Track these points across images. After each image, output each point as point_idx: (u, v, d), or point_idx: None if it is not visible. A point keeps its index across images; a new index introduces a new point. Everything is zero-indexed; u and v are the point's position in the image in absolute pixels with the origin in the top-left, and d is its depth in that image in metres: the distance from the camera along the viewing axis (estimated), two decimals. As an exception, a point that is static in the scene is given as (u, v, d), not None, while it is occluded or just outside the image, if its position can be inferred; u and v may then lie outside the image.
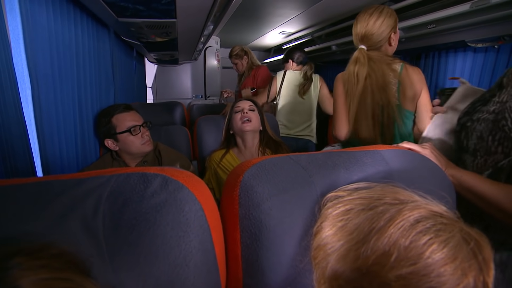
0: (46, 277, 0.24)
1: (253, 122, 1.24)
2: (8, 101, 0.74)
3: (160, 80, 3.80)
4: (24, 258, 0.24)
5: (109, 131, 1.15)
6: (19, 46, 0.82)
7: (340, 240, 0.35)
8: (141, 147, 1.16)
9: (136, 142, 1.15)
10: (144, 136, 1.17)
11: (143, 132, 1.17)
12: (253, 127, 1.24)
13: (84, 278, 0.27)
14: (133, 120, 1.17)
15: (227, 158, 1.27)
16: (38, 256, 0.25)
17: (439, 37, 1.78)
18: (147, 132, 1.20)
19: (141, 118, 1.21)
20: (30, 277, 0.23)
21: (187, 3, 1.16)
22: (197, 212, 0.37)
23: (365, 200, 0.37)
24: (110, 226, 0.35)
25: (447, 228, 0.31)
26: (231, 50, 2.38)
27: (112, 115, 1.15)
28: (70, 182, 0.37)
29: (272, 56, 4.16)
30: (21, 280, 0.23)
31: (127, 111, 1.17)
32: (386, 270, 0.30)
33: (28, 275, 0.23)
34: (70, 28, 1.08)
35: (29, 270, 0.24)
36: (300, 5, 2.04)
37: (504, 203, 0.55)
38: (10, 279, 0.23)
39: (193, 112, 2.21)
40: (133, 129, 1.14)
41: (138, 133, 1.16)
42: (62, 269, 0.26)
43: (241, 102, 1.31)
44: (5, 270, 0.23)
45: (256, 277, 0.41)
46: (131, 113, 1.18)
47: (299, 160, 0.47)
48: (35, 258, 0.25)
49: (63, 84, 1.02)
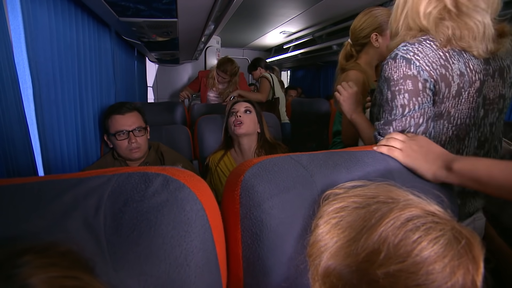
0: (56, 275, 0.24)
1: (245, 125, 1.20)
2: (10, 101, 0.75)
3: (161, 80, 3.81)
4: (33, 256, 0.24)
5: (107, 129, 1.16)
6: (20, 46, 0.82)
7: (333, 237, 0.35)
8: (127, 152, 1.13)
9: (122, 147, 1.12)
10: (131, 143, 1.11)
11: (131, 138, 1.11)
12: (246, 130, 1.20)
13: (92, 277, 0.27)
14: (122, 125, 1.11)
15: (225, 160, 1.26)
16: (47, 254, 0.25)
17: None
18: (137, 139, 1.13)
19: (134, 123, 1.14)
20: (41, 275, 0.23)
21: (188, 3, 1.16)
22: (198, 212, 0.37)
23: (359, 198, 0.37)
24: (111, 226, 0.35)
25: (437, 226, 0.31)
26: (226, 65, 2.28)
27: (110, 114, 1.14)
28: (71, 181, 0.37)
29: (273, 55, 4.16)
30: (31, 278, 0.23)
31: (121, 114, 1.13)
32: (375, 267, 0.30)
33: (38, 273, 0.23)
34: (71, 27, 1.08)
35: (39, 268, 0.24)
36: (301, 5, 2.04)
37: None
38: (21, 277, 0.23)
39: (193, 112, 2.21)
40: (118, 134, 1.11)
41: (123, 139, 1.11)
42: (70, 268, 0.26)
43: (237, 104, 1.27)
44: (15, 268, 0.23)
45: (257, 277, 0.41)
46: (125, 117, 1.12)
47: (300, 159, 0.47)
48: (44, 257, 0.25)
49: (64, 83, 1.02)
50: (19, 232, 0.33)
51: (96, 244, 0.34)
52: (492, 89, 0.61)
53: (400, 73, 0.58)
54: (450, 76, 0.56)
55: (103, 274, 0.32)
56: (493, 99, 0.62)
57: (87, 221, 0.34)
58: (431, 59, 0.56)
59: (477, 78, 0.58)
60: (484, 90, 0.60)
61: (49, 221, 0.34)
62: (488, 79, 0.60)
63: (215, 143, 1.42)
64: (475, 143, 0.64)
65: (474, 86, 0.58)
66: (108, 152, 1.23)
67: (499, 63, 0.61)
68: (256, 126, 1.25)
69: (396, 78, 0.58)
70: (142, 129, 1.16)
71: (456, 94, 0.58)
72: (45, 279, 0.23)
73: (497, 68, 0.61)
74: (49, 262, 0.25)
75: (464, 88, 0.58)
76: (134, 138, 1.12)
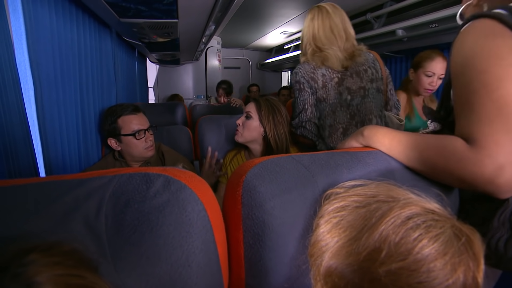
0: (62, 273, 0.24)
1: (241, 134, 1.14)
2: (11, 102, 0.75)
3: (162, 81, 3.81)
4: (39, 255, 0.24)
5: (113, 131, 1.13)
6: (22, 47, 0.82)
7: (334, 237, 0.35)
8: (143, 151, 1.15)
9: (139, 146, 1.14)
10: (148, 141, 1.15)
11: (147, 136, 1.15)
12: (243, 140, 1.15)
13: (96, 276, 0.27)
14: (139, 124, 1.14)
15: (238, 158, 1.24)
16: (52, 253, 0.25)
17: (442, 37, 1.77)
18: (151, 137, 1.18)
19: (147, 121, 1.19)
20: (47, 273, 0.23)
21: (188, 3, 1.16)
22: (199, 213, 0.37)
23: (359, 197, 0.37)
24: (113, 227, 0.35)
25: (438, 224, 0.31)
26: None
27: (119, 116, 1.13)
28: (72, 182, 0.37)
29: (274, 56, 4.16)
30: (38, 276, 0.23)
31: (134, 114, 1.15)
32: (376, 265, 0.30)
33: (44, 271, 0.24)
34: (72, 29, 1.08)
35: (45, 267, 0.24)
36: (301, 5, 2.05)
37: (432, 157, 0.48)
38: (27, 275, 0.23)
39: (194, 112, 2.21)
40: (138, 134, 1.13)
41: (142, 138, 1.14)
42: (75, 266, 0.26)
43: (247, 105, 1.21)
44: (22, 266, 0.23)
45: (259, 278, 0.41)
46: (138, 116, 1.16)
47: (301, 160, 0.47)
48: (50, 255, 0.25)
49: (66, 84, 1.02)
50: (20, 232, 0.33)
51: (98, 245, 0.34)
52: (353, 84, 1.02)
53: (293, 80, 1.07)
54: (316, 77, 1.01)
55: (104, 275, 0.32)
56: (355, 90, 1.02)
57: (88, 222, 0.34)
58: (305, 71, 1.02)
59: (334, 76, 1.01)
60: (346, 84, 1.01)
61: (51, 222, 0.33)
62: (347, 78, 1.01)
63: (216, 144, 1.42)
64: (347, 116, 1.02)
65: (333, 81, 1.00)
66: (109, 153, 1.23)
67: (356, 69, 1.02)
68: (258, 131, 1.14)
69: (293, 84, 1.07)
70: (152, 126, 1.22)
71: (323, 86, 1.01)
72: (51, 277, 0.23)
73: (353, 72, 1.02)
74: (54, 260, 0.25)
75: (327, 82, 1.00)
76: (150, 137, 1.17)
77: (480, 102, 0.44)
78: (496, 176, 0.40)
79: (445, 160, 0.46)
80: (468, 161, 0.42)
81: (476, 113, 0.44)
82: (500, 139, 0.41)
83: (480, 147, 0.42)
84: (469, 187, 0.45)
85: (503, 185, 0.41)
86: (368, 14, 1.93)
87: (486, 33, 0.46)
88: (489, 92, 0.43)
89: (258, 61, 4.84)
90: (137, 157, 1.17)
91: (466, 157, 0.43)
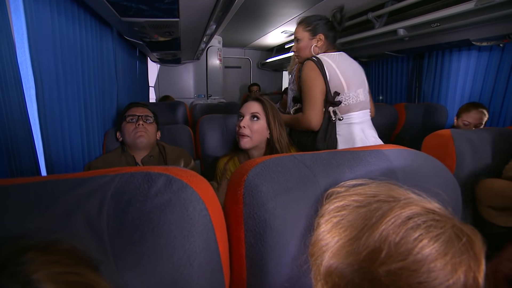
0: (60, 271, 0.24)
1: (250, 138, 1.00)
2: (13, 101, 0.75)
3: (163, 80, 3.81)
4: (37, 253, 0.25)
5: (119, 122, 1.26)
6: (23, 46, 0.82)
7: (334, 236, 0.35)
8: (133, 136, 1.20)
9: (130, 130, 1.20)
10: (138, 126, 1.20)
11: (139, 122, 1.22)
12: (251, 145, 1.01)
13: (96, 274, 0.27)
14: (134, 111, 1.25)
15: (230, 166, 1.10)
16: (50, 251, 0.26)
17: (443, 36, 1.77)
18: (145, 126, 1.22)
19: (145, 112, 1.27)
20: (45, 271, 0.24)
21: (190, 3, 1.16)
22: (201, 212, 0.37)
23: (360, 196, 0.37)
24: (114, 226, 0.35)
25: (438, 224, 0.31)
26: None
27: (129, 108, 1.27)
28: (74, 181, 0.37)
29: (274, 55, 4.15)
30: (36, 274, 0.23)
31: (137, 106, 1.27)
32: (377, 265, 0.30)
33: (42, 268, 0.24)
34: (73, 28, 1.08)
35: (43, 264, 0.24)
36: (302, 5, 2.04)
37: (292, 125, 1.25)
38: (25, 273, 0.23)
39: (195, 111, 2.21)
40: (128, 117, 1.22)
41: (133, 122, 1.22)
42: (74, 264, 0.26)
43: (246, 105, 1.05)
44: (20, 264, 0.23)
45: (260, 277, 0.41)
46: (138, 107, 1.27)
47: (303, 159, 0.47)
48: (48, 253, 0.25)
49: (67, 83, 1.02)
50: (22, 231, 0.33)
51: (99, 244, 0.34)
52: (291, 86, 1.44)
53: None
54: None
55: (105, 274, 0.32)
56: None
57: (90, 221, 0.34)
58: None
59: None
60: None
61: (52, 221, 0.33)
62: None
63: (217, 143, 1.42)
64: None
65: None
66: (118, 147, 1.29)
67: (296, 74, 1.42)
68: (265, 133, 1.04)
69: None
70: (151, 117, 1.27)
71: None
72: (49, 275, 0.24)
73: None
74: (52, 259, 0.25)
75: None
76: (141, 122, 1.22)
77: (307, 97, 1.13)
78: (311, 124, 1.13)
79: (297, 121, 1.19)
80: (303, 121, 1.16)
81: (306, 102, 1.14)
82: (311, 112, 1.12)
83: (306, 115, 1.14)
84: (304, 129, 1.18)
85: (314, 127, 1.14)
86: (369, 13, 1.93)
87: (310, 67, 1.13)
88: (309, 93, 1.13)
89: (259, 60, 4.83)
90: (130, 142, 1.22)
91: (302, 120, 1.16)
